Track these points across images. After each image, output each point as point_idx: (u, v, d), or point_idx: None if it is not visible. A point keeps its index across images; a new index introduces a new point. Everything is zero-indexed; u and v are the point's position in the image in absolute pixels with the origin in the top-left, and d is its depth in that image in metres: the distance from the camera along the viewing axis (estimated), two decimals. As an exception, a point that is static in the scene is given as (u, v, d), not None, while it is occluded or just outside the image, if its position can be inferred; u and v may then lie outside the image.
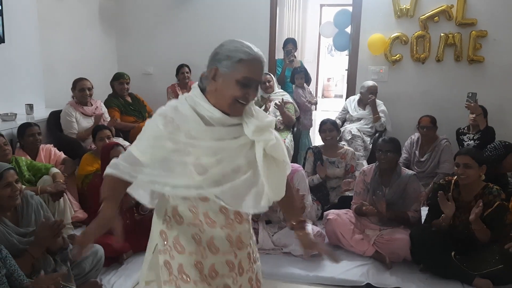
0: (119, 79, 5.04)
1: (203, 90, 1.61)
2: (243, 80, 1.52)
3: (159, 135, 1.54)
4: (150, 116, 5.24)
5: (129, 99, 5.14)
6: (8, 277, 2.25)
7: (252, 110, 1.61)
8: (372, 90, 5.15)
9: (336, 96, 12.43)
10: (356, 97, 5.39)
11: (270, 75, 5.42)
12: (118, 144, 3.44)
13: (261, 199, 1.57)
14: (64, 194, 3.47)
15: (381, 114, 5.12)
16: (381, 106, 5.21)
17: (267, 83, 5.27)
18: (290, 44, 5.72)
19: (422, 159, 4.68)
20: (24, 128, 3.79)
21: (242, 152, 1.57)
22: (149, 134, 1.58)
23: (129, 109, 5.07)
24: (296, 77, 5.38)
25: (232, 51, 1.54)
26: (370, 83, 5.22)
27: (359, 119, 5.25)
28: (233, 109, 1.55)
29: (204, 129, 1.54)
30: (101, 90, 5.05)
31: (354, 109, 5.32)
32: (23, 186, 2.89)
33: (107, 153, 3.31)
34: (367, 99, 5.13)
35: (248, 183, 1.55)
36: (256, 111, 1.62)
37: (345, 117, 5.43)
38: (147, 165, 1.58)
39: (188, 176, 1.52)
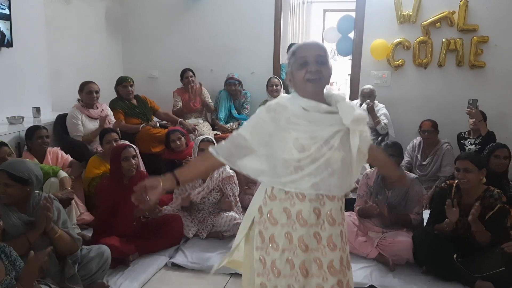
0: (122, 83, 5.06)
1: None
2: (300, 60, 1.80)
3: (262, 118, 1.82)
4: (159, 115, 5.33)
5: (134, 101, 5.16)
6: (18, 280, 2.28)
7: (338, 98, 1.82)
8: (365, 94, 5.22)
9: (338, 101, 12.46)
10: (358, 101, 5.44)
11: (278, 78, 5.48)
12: (129, 145, 3.49)
13: (349, 181, 1.85)
14: (70, 196, 3.53)
15: (382, 118, 5.18)
16: (382, 109, 5.26)
17: (274, 87, 5.32)
18: (294, 49, 5.74)
19: (424, 163, 4.72)
20: (33, 130, 3.83)
21: (337, 136, 1.76)
22: (254, 118, 1.86)
23: (134, 111, 5.09)
24: None
25: (290, 52, 1.87)
26: (365, 87, 5.30)
27: None
28: (308, 90, 1.80)
29: (303, 113, 1.77)
30: (107, 94, 5.09)
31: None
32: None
33: (119, 154, 3.34)
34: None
35: (343, 163, 1.77)
36: (354, 105, 1.84)
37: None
38: (251, 143, 1.83)
39: (287, 152, 1.75)
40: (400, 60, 5.52)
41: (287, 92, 5.62)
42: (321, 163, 1.74)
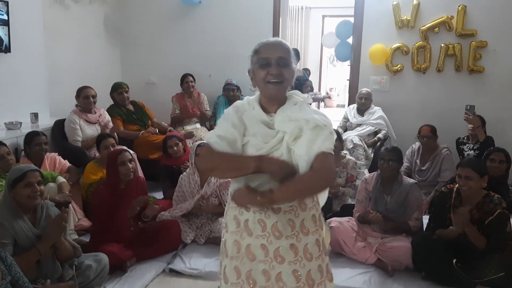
0: (117, 90, 5.04)
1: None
2: (261, 61, 1.77)
3: (230, 112, 1.87)
4: (152, 124, 5.31)
5: (131, 107, 5.15)
6: (13, 284, 2.28)
7: (294, 104, 1.79)
8: (362, 96, 5.28)
9: (338, 106, 12.44)
10: (356, 105, 5.47)
11: None
12: (125, 150, 3.48)
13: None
14: (68, 202, 3.52)
15: (379, 121, 5.27)
16: (379, 111, 5.30)
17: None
18: (293, 55, 5.75)
19: (423, 168, 4.71)
20: (32, 136, 3.82)
21: (283, 147, 1.73)
22: (225, 114, 1.90)
23: (132, 118, 5.08)
24: (306, 85, 5.51)
25: (253, 50, 1.83)
26: (362, 90, 5.38)
27: (358, 125, 5.36)
28: (268, 92, 1.78)
29: (257, 124, 1.79)
30: (105, 99, 5.08)
31: (353, 116, 5.42)
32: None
33: (115, 159, 3.34)
34: (362, 105, 5.36)
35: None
36: (304, 108, 1.77)
37: (346, 126, 5.50)
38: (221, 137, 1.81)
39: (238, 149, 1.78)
40: (399, 65, 5.53)
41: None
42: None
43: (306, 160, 1.68)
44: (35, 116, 4.57)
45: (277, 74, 1.73)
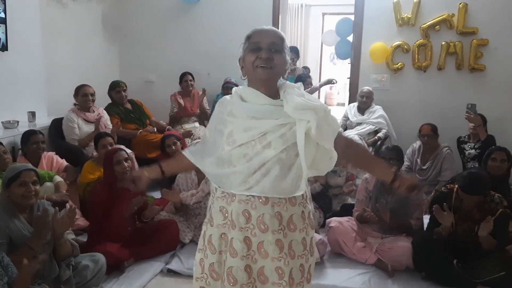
0: (115, 88, 5.01)
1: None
2: (252, 46, 1.70)
3: (215, 114, 1.84)
4: (151, 122, 5.27)
5: (129, 106, 5.13)
6: (10, 285, 2.25)
7: (288, 87, 1.73)
8: (364, 94, 5.28)
9: (338, 104, 12.41)
10: (356, 103, 5.44)
11: None
12: (121, 149, 3.46)
13: (297, 182, 1.68)
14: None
15: (380, 119, 5.24)
16: (379, 110, 5.27)
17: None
18: (293, 53, 5.73)
19: (424, 167, 4.68)
20: (29, 135, 3.80)
21: (278, 132, 1.65)
22: (212, 115, 1.87)
23: (130, 117, 5.06)
24: (306, 82, 5.52)
25: (245, 37, 1.77)
26: (364, 88, 5.37)
27: (358, 124, 5.34)
28: (257, 76, 1.69)
29: (241, 104, 1.72)
30: (103, 98, 5.06)
31: (353, 115, 5.39)
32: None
33: (111, 158, 3.32)
34: (363, 104, 5.33)
35: (280, 164, 1.65)
36: (305, 93, 1.71)
37: (346, 124, 5.47)
38: (209, 139, 1.82)
39: (220, 147, 1.70)
40: (400, 63, 5.50)
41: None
42: (253, 161, 1.64)
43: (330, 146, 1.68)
44: (32, 115, 4.54)
45: (267, 58, 1.66)
